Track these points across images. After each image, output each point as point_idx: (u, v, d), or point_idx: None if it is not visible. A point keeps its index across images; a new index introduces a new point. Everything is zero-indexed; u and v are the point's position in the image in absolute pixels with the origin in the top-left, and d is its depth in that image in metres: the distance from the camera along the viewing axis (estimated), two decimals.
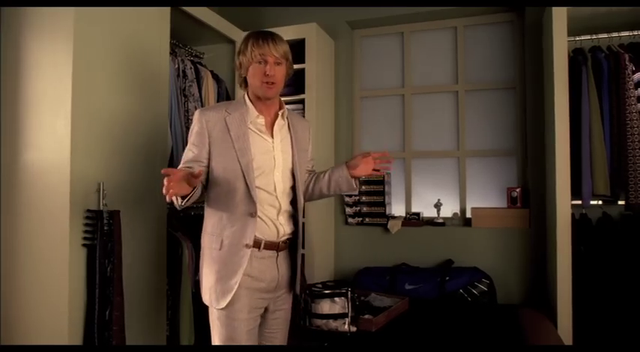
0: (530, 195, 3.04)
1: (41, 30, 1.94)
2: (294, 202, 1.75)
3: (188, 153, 1.69)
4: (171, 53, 2.62)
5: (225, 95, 3.16)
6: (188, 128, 2.76)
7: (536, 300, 2.90)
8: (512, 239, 3.03)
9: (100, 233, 1.92)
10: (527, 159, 3.12)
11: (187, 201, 1.55)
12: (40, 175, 1.92)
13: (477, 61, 3.33)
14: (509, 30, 3.26)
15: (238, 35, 3.19)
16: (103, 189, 1.96)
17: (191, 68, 2.84)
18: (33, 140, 1.94)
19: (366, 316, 2.33)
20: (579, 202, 2.57)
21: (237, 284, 1.60)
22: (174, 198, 1.53)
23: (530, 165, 3.07)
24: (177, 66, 2.73)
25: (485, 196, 3.27)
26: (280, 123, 1.74)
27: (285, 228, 1.71)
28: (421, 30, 3.44)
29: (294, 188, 1.74)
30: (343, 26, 3.45)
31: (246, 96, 1.74)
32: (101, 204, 1.95)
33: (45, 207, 1.90)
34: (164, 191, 1.42)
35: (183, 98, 2.75)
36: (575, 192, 2.54)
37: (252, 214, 1.63)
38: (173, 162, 2.59)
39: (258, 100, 1.71)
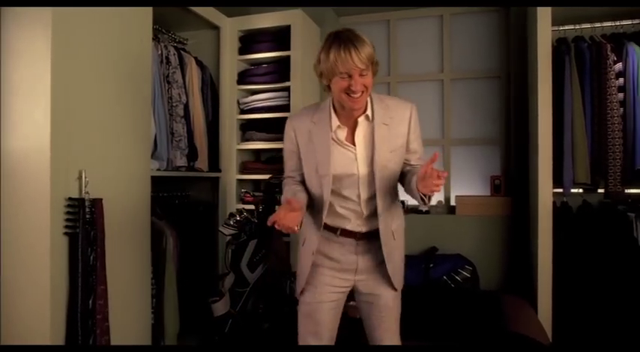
0: (513, 184, 3.08)
1: (19, 16, 1.88)
2: (375, 206, 1.68)
3: (289, 162, 1.76)
4: (154, 39, 2.57)
5: (209, 82, 3.12)
6: (172, 115, 2.74)
7: (517, 286, 2.95)
8: (495, 226, 3.07)
9: (83, 221, 1.90)
10: (510, 147, 3.15)
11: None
12: (19, 163, 1.88)
13: (463, 50, 3.33)
14: (494, 18, 3.27)
15: (223, 21, 3.14)
16: (84, 177, 1.93)
17: (174, 54, 2.79)
18: (12, 128, 1.89)
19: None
20: (561, 190, 2.61)
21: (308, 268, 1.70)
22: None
23: (514, 154, 3.11)
24: (160, 52, 2.68)
25: (469, 184, 3.30)
26: (363, 128, 1.64)
27: (362, 228, 1.70)
28: (407, 18, 3.43)
29: (374, 195, 1.66)
30: (329, 13, 3.43)
31: (330, 102, 1.67)
32: (83, 192, 1.92)
33: (25, 196, 1.86)
34: (289, 231, 1.50)
35: (166, 85, 2.71)
36: (557, 181, 2.58)
37: (318, 228, 1.68)
38: (157, 149, 2.56)
39: (343, 109, 1.63)
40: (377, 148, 1.62)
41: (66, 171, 1.89)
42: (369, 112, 1.64)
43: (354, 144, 1.64)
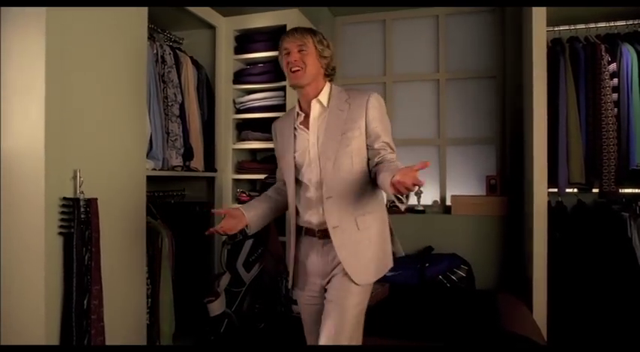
0: (509, 183, 3.09)
1: (14, 16, 1.87)
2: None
3: (279, 165, 1.85)
4: (149, 38, 2.56)
5: (205, 82, 3.11)
6: (167, 114, 2.73)
7: (512, 285, 2.96)
8: (490, 226, 3.08)
9: (77, 221, 1.89)
10: (505, 147, 3.16)
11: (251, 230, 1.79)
12: (14, 163, 1.87)
13: (458, 50, 3.34)
14: (490, 18, 3.28)
15: (218, 20, 3.14)
16: (79, 177, 1.92)
17: (170, 54, 2.78)
18: (6, 128, 1.88)
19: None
20: (555, 190, 2.62)
21: (292, 266, 1.77)
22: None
23: (509, 154, 3.12)
24: (155, 51, 2.67)
25: (464, 184, 3.31)
26: (317, 112, 1.69)
27: (321, 218, 1.67)
28: (403, 18, 3.44)
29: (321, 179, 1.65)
30: (325, 13, 3.43)
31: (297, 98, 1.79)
32: (77, 191, 1.92)
33: (20, 195, 1.85)
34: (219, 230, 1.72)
35: (162, 84, 2.70)
36: (552, 180, 2.59)
37: (294, 230, 1.75)
38: (152, 149, 2.55)
39: (302, 96, 1.72)
40: (327, 130, 1.66)
41: (60, 171, 1.88)
42: (321, 97, 1.70)
43: (308, 129, 1.70)
